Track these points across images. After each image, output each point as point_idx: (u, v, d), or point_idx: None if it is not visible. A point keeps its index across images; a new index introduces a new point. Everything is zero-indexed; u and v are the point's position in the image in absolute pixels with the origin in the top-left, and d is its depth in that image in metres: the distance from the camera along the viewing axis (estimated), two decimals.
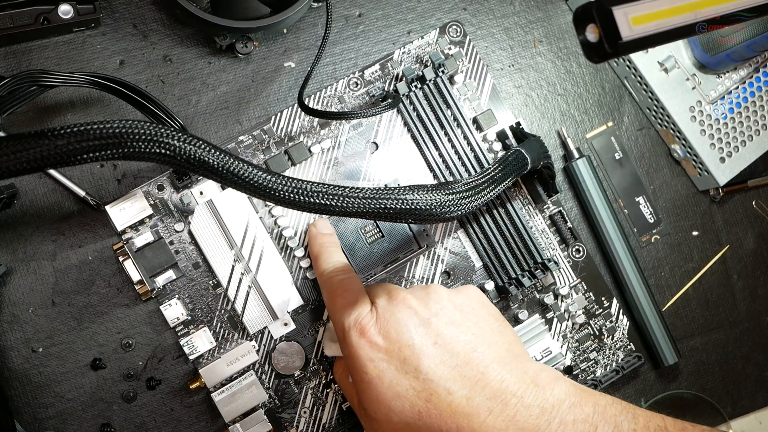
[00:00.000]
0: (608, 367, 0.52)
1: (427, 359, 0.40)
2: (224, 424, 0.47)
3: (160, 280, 0.47)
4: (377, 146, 0.51)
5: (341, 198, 0.40)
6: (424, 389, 0.40)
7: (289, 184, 0.39)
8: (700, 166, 0.54)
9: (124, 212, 0.46)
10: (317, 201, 0.39)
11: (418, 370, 0.40)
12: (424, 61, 0.52)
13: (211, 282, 0.48)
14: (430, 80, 0.50)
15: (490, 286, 0.51)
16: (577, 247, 0.53)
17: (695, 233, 0.56)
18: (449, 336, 0.41)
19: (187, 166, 0.37)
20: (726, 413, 0.55)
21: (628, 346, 0.53)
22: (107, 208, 0.46)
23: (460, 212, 0.43)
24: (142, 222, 0.47)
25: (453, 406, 0.39)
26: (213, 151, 0.37)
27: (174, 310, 0.47)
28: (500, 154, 0.51)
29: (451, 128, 0.50)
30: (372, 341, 0.41)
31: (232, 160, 0.38)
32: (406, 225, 0.50)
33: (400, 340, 0.41)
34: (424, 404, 0.40)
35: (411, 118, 0.50)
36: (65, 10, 0.46)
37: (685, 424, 0.41)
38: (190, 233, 0.47)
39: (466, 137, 0.51)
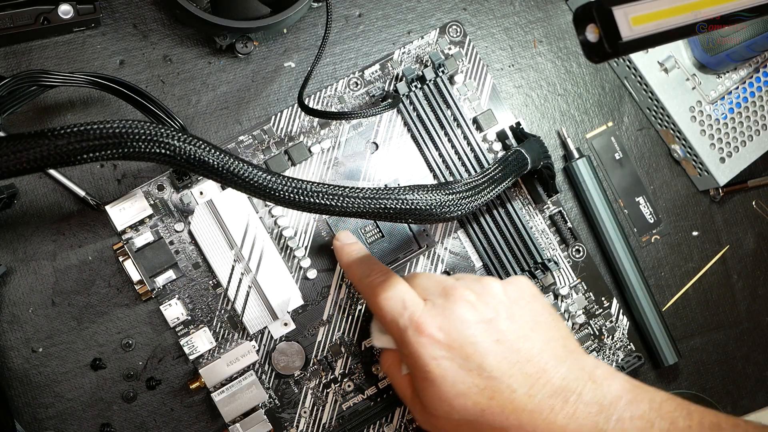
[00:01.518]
0: None
1: (490, 357, 0.40)
2: (224, 424, 0.47)
3: (160, 280, 0.47)
4: (377, 146, 0.51)
5: (341, 198, 0.40)
6: (487, 387, 0.40)
7: (289, 184, 0.39)
8: (700, 166, 0.54)
9: (124, 212, 0.46)
10: (317, 201, 0.39)
11: (482, 368, 0.40)
12: (424, 61, 0.52)
13: (211, 282, 0.48)
14: (430, 80, 0.50)
15: None
16: (577, 247, 0.53)
17: (695, 233, 0.56)
18: (509, 333, 0.41)
19: (187, 166, 0.37)
20: (726, 413, 0.55)
21: (628, 346, 0.53)
22: (107, 208, 0.46)
23: (460, 212, 0.43)
24: (142, 222, 0.47)
25: (515, 404, 0.40)
26: (213, 151, 0.37)
27: (174, 310, 0.47)
28: (500, 154, 0.51)
29: (451, 128, 0.50)
30: (433, 338, 0.41)
31: (232, 160, 0.38)
32: (406, 225, 0.50)
33: (462, 338, 0.40)
34: (487, 402, 0.40)
35: (411, 118, 0.50)
36: (65, 10, 0.46)
37: (738, 420, 0.41)
38: (190, 233, 0.47)
39: (466, 137, 0.51)
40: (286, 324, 0.48)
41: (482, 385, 0.40)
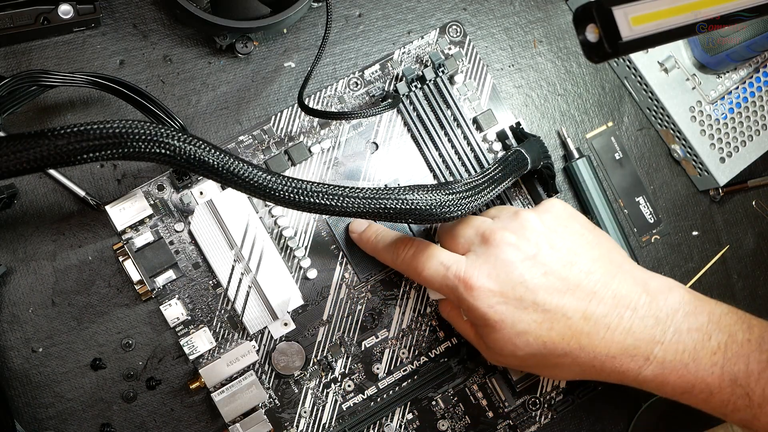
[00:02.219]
0: None
1: (541, 291, 0.41)
2: (224, 424, 0.47)
3: (160, 280, 0.47)
4: (377, 146, 0.51)
5: (341, 198, 0.40)
6: (544, 320, 0.41)
7: (289, 184, 0.39)
8: (700, 166, 0.54)
9: (124, 212, 0.46)
10: (317, 201, 0.39)
11: (536, 303, 0.41)
12: (424, 61, 0.52)
13: (211, 282, 0.48)
14: (430, 80, 0.50)
15: None
16: None
17: (695, 233, 0.56)
18: (554, 263, 0.42)
19: (187, 166, 0.37)
20: None
21: None
22: (107, 208, 0.46)
23: (460, 212, 0.43)
24: (142, 222, 0.47)
25: (573, 329, 0.41)
26: (213, 151, 0.37)
27: (174, 310, 0.47)
28: (500, 154, 0.51)
29: (451, 128, 0.50)
30: (484, 288, 0.42)
31: (232, 160, 0.38)
32: (406, 225, 0.50)
33: (512, 280, 0.42)
34: (547, 333, 0.41)
35: (411, 118, 0.50)
36: (65, 10, 0.46)
37: None
38: (190, 233, 0.47)
39: (466, 137, 0.51)
40: (286, 324, 0.48)
41: (539, 319, 0.41)
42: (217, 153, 0.37)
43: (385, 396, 0.50)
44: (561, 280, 0.42)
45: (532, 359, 0.43)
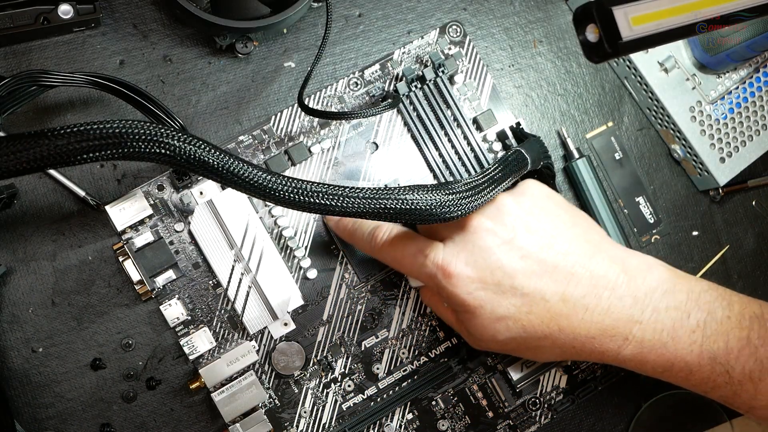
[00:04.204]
0: (609, 366, 0.52)
1: (519, 276, 0.41)
2: (224, 424, 0.47)
3: (160, 280, 0.47)
4: (377, 146, 0.51)
5: (341, 198, 0.40)
6: (523, 303, 0.41)
7: (289, 184, 0.39)
8: (700, 166, 0.54)
9: (124, 212, 0.46)
10: (317, 201, 0.39)
11: (514, 287, 0.41)
12: (424, 61, 0.52)
13: (211, 282, 0.48)
14: (430, 80, 0.50)
15: None
16: None
17: (695, 233, 0.56)
18: (532, 246, 0.42)
19: (187, 166, 0.37)
20: (726, 413, 0.55)
21: None
22: (107, 208, 0.46)
23: (460, 212, 0.43)
24: (142, 222, 0.47)
25: (552, 311, 0.41)
26: (213, 151, 0.37)
27: (174, 310, 0.47)
28: (500, 154, 0.51)
29: (451, 128, 0.50)
30: (462, 275, 0.42)
31: (232, 160, 0.38)
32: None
33: (490, 265, 0.42)
34: (526, 317, 0.42)
35: (411, 118, 0.50)
36: (65, 10, 0.46)
37: None
38: (190, 233, 0.47)
39: (466, 137, 0.51)
40: (286, 324, 0.48)
41: (518, 303, 0.41)
42: (217, 153, 0.37)
43: (385, 396, 0.50)
44: (538, 262, 0.42)
45: (512, 343, 0.43)
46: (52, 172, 0.47)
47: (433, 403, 0.50)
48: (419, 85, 0.50)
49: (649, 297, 0.41)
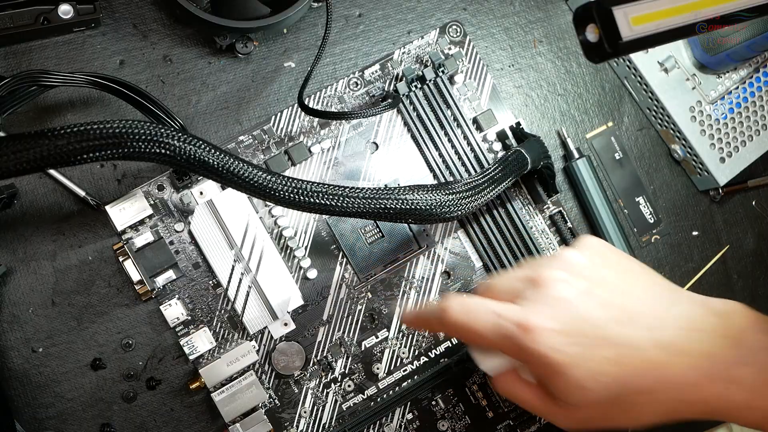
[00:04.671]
0: None
1: (605, 324, 0.38)
2: (224, 424, 0.47)
3: (160, 280, 0.47)
4: (377, 146, 0.51)
5: (341, 198, 0.40)
6: (615, 354, 0.38)
7: (289, 184, 0.39)
8: (700, 166, 0.54)
9: (124, 212, 0.46)
10: (317, 201, 0.39)
11: (603, 338, 0.38)
12: (424, 61, 0.52)
13: (211, 282, 0.48)
14: (430, 80, 0.50)
15: None
16: None
17: (695, 233, 0.56)
18: (611, 295, 0.39)
19: (187, 166, 0.37)
20: None
21: None
22: (107, 208, 0.46)
23: (460, 212, 0.43)
24: (142, 222, 0.47)
25: (649, 362, 0.38)
26: (213, 151, 0.37)
27: (174, 310, 0.47)
28: (500, 154, 0.51)
29: (451, 128, 0.50)
30: (546, 330, 0.38)
31: (232, 160, 0.38)
32: (406, 225, 0.50)
33: (573, 317, 0.38)
34: (620, 370, 0.38)
35: (411, 118, 0.50)
36: (65, 10, 0.46)
37: None
38: (190, 233, 0.47)
39: (466, 137, 0.51)
40: (286, 324, 0.48)
41: (610, 355, 0.38)
42: (217, 153, 0.37)
43: (385, 396, 0.50)
44: (622, 310, 0.39)
45: (609, 405, 0.38)
46: (52, 172, 0.47)
47: (433, 403, 0.50)
48: (419, 85, 0.50)
49: (744, 336, 0.38)
